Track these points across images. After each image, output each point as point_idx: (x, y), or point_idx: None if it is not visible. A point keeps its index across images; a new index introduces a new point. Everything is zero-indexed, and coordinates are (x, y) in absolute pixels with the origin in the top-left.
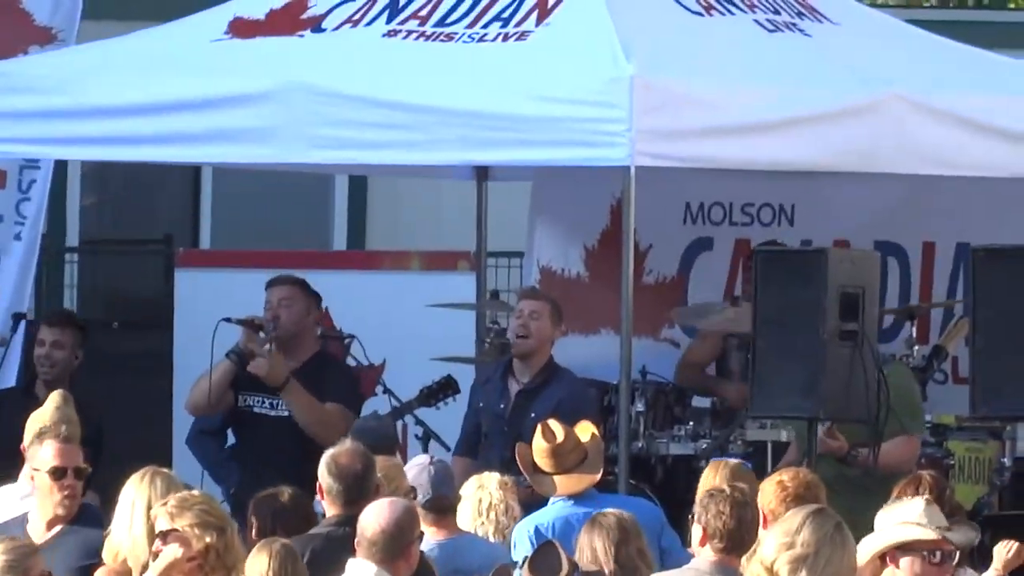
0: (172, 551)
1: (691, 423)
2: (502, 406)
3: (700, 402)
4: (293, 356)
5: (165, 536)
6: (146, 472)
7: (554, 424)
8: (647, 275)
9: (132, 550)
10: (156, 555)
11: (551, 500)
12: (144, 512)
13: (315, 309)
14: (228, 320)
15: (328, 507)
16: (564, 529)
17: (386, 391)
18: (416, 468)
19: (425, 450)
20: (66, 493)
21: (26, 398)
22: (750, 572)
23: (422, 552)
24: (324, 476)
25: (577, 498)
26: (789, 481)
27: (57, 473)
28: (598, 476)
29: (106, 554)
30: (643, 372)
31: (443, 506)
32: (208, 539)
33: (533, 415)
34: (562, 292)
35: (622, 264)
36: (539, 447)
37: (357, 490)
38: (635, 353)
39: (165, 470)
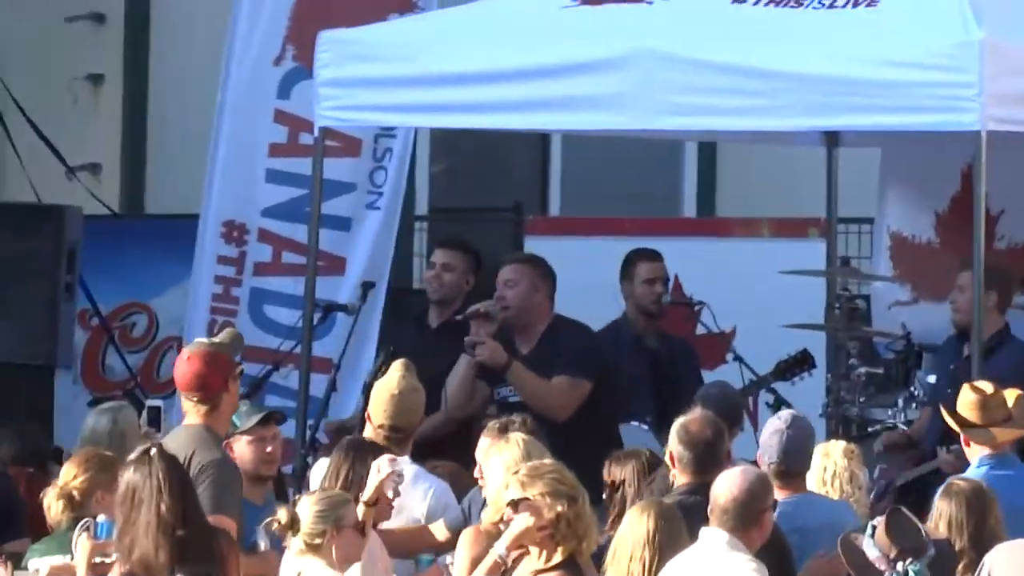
0: (523, 520)
1: None
2: (951, 366)
3: None
4: (527, 335)
5: (516, 505)
6: (510, 437)
7: (981, 382)
8: (999, 241)
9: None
10: (507, 523)
11: (975, 464)
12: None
13: (543, 285)
14: (459, 317)
15: (679, 475)
16: None
17: (736, 358)
18: (770, 429)
19: None
20: None
21: (418, 327)
22: None
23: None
24: (674, 444)
25: (1000, 463)
26: None
27: None
28: None
29: (486, 515)
30: None
31: (786, 472)
32: (559, 508)
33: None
34: (913, 258)
35: (974, 230)
36: (967, 399)
37: (708, 458)
38: None
39: (525, 436)
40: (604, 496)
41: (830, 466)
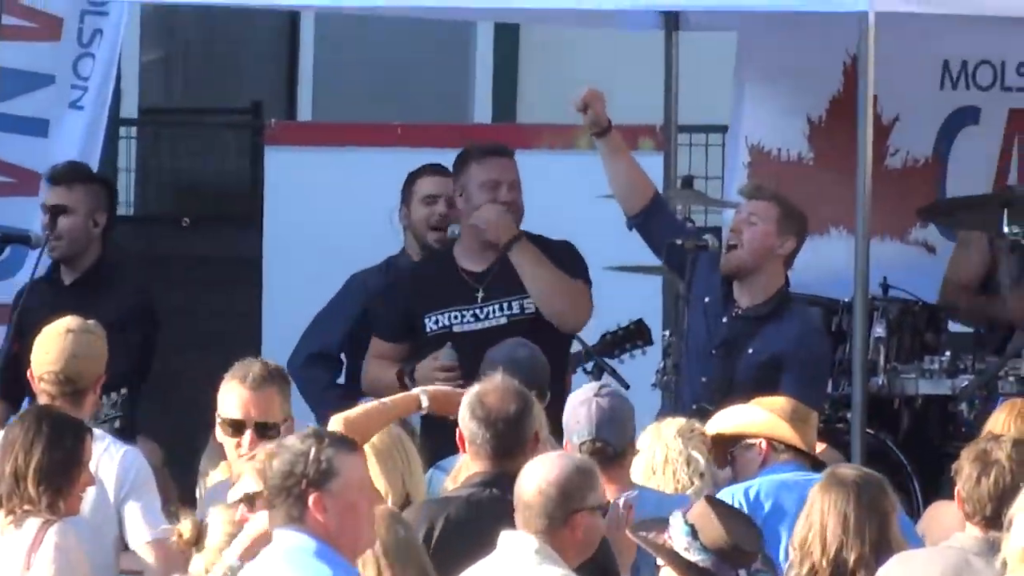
0: (261, 521)
1: (947, 354)
2: (724, 320)
3: (960, 326)
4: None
5: (252, 501)
6: None
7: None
8: (892, 156)
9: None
10: (241, 525)
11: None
12: None
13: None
14: None
15: (472, 461)
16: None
17: None
18: (575, 401)
19: None
20: None
21: (51, 287)
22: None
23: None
24: (466, 421)
25: (800, 466)
26: None
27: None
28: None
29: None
30: (884, 285)
31: (603, 452)
32: None
33: (751, 351)
34: (778, 178)
35: (858, 142)
36: (780, 404)
37: (510, 439)
38: (875, 260)
39: None
40: None
41: (660, 450)
